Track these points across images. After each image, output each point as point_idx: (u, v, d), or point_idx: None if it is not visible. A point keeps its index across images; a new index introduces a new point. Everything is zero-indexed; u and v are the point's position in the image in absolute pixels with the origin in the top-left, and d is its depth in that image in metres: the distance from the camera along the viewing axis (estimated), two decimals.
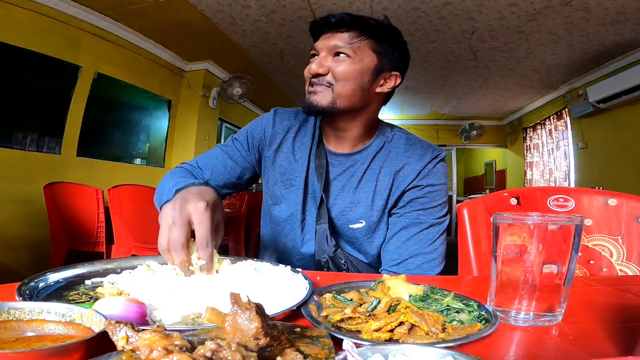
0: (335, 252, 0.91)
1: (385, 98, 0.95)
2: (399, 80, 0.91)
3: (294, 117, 1.00)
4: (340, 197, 0.92)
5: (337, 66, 0.85)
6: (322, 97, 0.86)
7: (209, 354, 0.24)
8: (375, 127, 0.96)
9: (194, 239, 0.58)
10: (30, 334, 0.36)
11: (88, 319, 0.36)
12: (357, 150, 0.93)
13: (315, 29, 0.90)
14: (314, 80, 0.87)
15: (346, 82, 0.85)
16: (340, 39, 0.85)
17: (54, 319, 0.37)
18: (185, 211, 0.59)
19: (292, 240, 0.97)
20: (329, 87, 0.86)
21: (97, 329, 0.35)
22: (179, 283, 0.53)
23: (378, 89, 0.89)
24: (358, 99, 0.87)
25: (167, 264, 0.61)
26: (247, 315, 0.26)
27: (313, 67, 0.86)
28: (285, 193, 0.97)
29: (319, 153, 0.94)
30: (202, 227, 0.58)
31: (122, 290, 0.51)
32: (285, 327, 0.34)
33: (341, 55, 0.85)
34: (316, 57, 0.88)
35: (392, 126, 0.98)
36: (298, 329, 0.34)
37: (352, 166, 0.92)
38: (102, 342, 0.32)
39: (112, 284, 0.54)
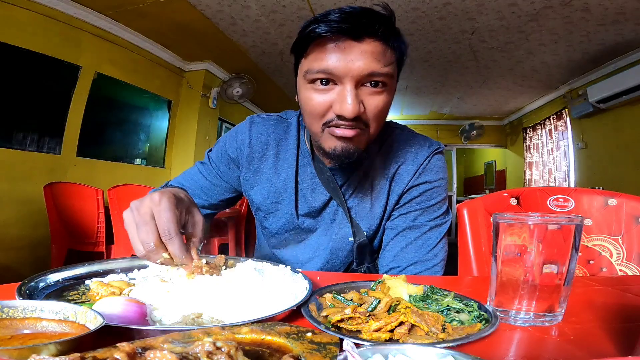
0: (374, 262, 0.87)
1: None
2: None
3: (273, 129, 0.85)
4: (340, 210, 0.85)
5: (372, 102, 0.66)
6: (359, 142, 0.70)
7: None
8: None
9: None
10: (25, 331, 0.36)
11: (82, 316, 0.36)
12: (352, 160, 0.81)
13: (316, 35, 0.63)
14: (345, 123, 0.66)
15: (380, 120, 0.70)
16: (372, 60, 0.63)
17: (48, 316, 0.37)
18: (143, 209, 0.54)
19: (290, 262, 0.90)
20: (365, 128, 0.68)
21: (91, 326, 0.35)
22: (178, 283, 0.52)
23: None
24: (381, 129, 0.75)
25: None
26: None
27: (351, 107, 0.63)
28: (269, 217, 0.88)
29: (320, 169, 0.82)
30: (161, 219, 0.53)
31: (122, 288, 0.51)
32: (298, 331, 0.34)
33: (377, 84, 0.65)
34: (334, 85, 0.65)
35: (386, 124, 0.85)
36: (309, 334, 0.34)
37: (350, 177, 0.83)
38: (97, 339, 0.32)
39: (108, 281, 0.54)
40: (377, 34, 0.64)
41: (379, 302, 0.48)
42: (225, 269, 0.58)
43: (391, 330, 0.41)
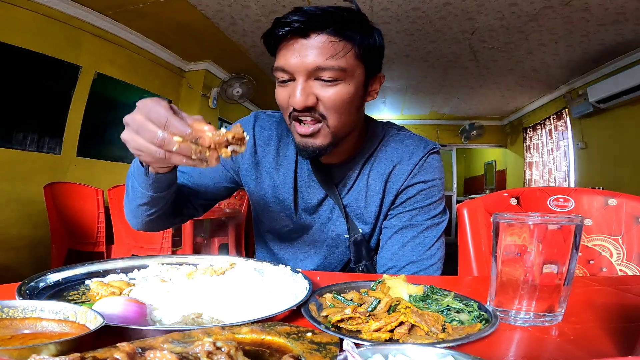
0: (372, 259, 0.87)
1: None
2: (383, 80, 0.79)
3: (276, 126, 0.88)
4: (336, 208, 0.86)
5: (325, 94, 0.69)
6: (319, 138, 0.72)
7: None
8: (364, 130, 0.85)
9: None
10: (25, 331, 0.36)
11: (82, 316, 0.36)
12: (348, 158, 0.83)
13: (274, 38, 0.70)
14: (300, 115, 0.70)
15: (341, 112, 0.71)
16: (318, 54, 0.66)
17: (48, 316, 0.37)
18: (135, 116, 0.52)
19: (287, 259, 0.91)
20: (321, 121, 0.71)
21: (91, 326, 0.35)
22: (178, 283, 0.52)
23: (368, 99, 0.78)
24: (353, 121, 0.76)
25: (169, 264, 0.61)
26: None
27: (298, 99, 0.67)
28: (267, 212, 0.88)
29: (317, 166, 0.83)
30: (151, 114, 0.50)
31: (122, 288, 0.51)
32: (298, 331, 0.34)
33: (326, 79, 0.68)
34: (288, 81, 0.70)
35: (382, 124, 0.88)
36: (310, 334, 0.34)
37: (345, 176, 0.84)
38: (97, 339, 0.32)
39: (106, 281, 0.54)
40: (324, 28, 0.66)
41: (379, 302, 0.48)
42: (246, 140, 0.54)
43: (391, 330, 0.41)
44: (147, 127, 0.50)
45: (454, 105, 6.50)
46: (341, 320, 0.44)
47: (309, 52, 0.66)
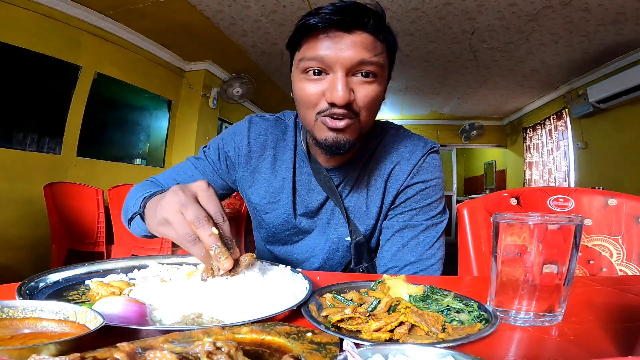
0: (372, 261, 0.86)
1: None
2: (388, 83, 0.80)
3: (271, 130, 0.87)
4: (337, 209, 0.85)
5: (363, 91, 0.68)
6: (350, 133, 0.70)
7: None
8: None
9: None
10: (25, 331, 0.36)
11: (82, 316, 0.36)
12: (348, 159, 0.82)
13: (310, 28, 0.67)
14: (336, 111, 0.67)
15: (371, 110, 0.71)
16: (362, 50, 0.65)
17: (48, 316, 0.37)
18: (189, 191, 0.51)
19: (287, 262, 0.90)
20: (353, 118, 0.69)
21: (91, 326, 0.35)
22: (178, 283, 0.52)
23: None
24: (373, 121, 0.75)
25: (169, 264, 0.61)
26: None
27: (342, 94, 0.65)
28: (266, 217, 0.88)
29: (317, 169, 0.82)
30: (212, 203, 0.51)
31: (122, 288, 0.51)
32: (298, 331, 0.34)
33: (368, 75, 0.67)
34: (326, 75, 0.68)
35: (381, 124, 0.87)
36: (310, 334, 0.34)
37: (346, 177, 0.83)
38: (97, 339, 0.32)
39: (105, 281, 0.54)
40: (367, 26, 0.66)
41: (379, 302, 0.48)
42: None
43: (391, 330, 0.41)
44: (194, 208, 0.49)
45: (454, 105, 6.50)
46: (341, 320, 0.44)
47: (352, 46, 0.65)
